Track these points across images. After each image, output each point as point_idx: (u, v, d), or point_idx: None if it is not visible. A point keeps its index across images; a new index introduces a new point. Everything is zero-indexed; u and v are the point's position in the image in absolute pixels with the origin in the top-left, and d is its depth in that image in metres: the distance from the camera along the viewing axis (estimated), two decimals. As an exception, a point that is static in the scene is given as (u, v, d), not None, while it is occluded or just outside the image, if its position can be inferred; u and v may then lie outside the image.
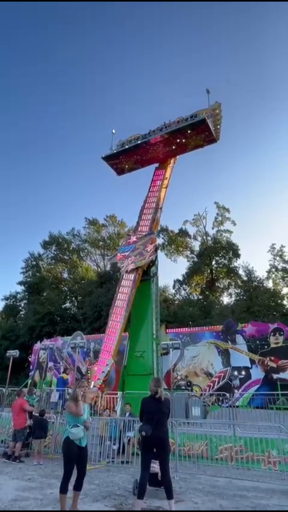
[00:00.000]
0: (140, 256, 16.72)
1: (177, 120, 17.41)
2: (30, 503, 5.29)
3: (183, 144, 17.86)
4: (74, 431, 4.82)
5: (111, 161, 19.28)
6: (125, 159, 19.12)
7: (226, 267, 33.41)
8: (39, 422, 9.41)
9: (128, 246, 17.65)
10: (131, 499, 5.57)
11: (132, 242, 17.66)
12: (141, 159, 19.01)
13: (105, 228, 40.49)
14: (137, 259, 16.64)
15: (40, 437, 9.28)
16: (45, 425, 9.57)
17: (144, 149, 18.26)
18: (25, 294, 37.92)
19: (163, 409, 5.18)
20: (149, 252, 16.58)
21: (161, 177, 18.66)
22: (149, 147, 18.12)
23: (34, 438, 9.37)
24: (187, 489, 6.52)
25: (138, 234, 17.85)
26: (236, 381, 16.65)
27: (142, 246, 16.99)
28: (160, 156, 18.71)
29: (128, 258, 16.92)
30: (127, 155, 18.81)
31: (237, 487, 6.82)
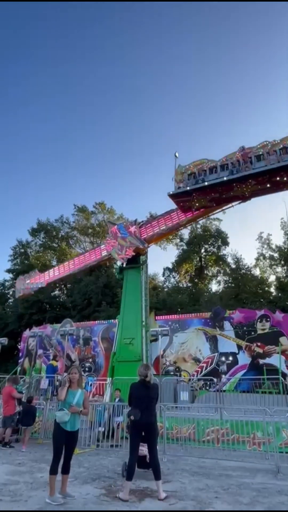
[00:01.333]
0: (119, 250, 17.15)
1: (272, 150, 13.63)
2: (20, 487, 5.36)
3: (284, 182, 14.19)
4: (58, 414, 4.96)
5: (180, 198, 15.44)
6: (198, 196, 15.16)
7: (215, 255, 33.71)
8: (27, 409, 9.36)
9: (125, 230, 17.73)
10: (120, 480, 5.70)
11: (129, 230, 17.72)
12: (219, 197, 15.23)
13: (94, 215, 40.14)
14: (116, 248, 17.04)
15: (28, 424, 9.19)
16: (33, 412, 9.52)
17: (229, 187, 14.56)
18: (13, 281, 37.53)
19: (151, 394, 5.27)
20: (125, 255, 16.89)
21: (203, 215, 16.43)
22: (236, 184, 14.38)
23: (22, 425, 9.33)
24: (175, 470, 6.70)
25: (138, 231, 17.84)
26: (224, 367, 17.00)
27: (129, 244, 17.13)
28: (247, 195, 14.98)
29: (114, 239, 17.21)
30: (203, 192, 14.96)
31: (223, 467, 7.05)
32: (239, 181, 14.15)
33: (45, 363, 19.69)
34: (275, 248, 29.45)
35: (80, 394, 5.17)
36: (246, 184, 14.25)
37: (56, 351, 21.25)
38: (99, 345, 20.82)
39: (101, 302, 27.65)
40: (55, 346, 21.77)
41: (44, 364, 19.88)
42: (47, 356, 21.31)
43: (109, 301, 27.88)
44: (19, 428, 9.84)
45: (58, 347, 21.49)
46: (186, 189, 14.99)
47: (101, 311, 26.76)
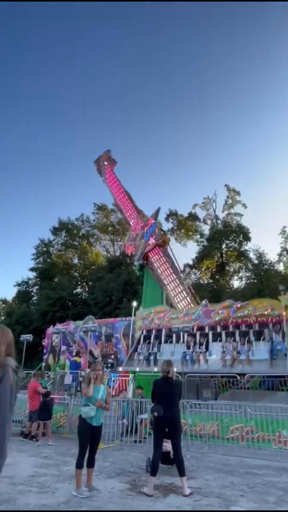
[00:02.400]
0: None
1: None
2: (47, 479, 5.51)
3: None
4: (84, 409, 5.04)
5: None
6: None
7: (236, 250, 33.12)
8: (43, 404, 9.35)
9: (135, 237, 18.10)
10: (145, 476, 5.74)
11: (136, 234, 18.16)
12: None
13: (114, 213, 40.40)
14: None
15: (44, 418, 9.17)
16: (50, 407, 9.51)
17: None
18: (36, 280, 38.48)
19: (174, 390, 5.26)
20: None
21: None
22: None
23: (39, 419, 9.24)
24: (199, 467, 6.67)
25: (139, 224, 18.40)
26: (247, 364, 16.70)
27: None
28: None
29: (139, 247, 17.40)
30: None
31: (248, 465, 6.96)
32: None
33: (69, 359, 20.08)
34: (299, 242, 28.67)
35: (103, 389, 5.25)
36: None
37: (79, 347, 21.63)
38: (121, 341, 20.99)
39: (122, 299, 27.84)
40: (78, 342, 22.14)
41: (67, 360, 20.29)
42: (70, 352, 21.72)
43: (130, 298, 28.02)
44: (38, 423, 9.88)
45: (81, 343, 21.84)
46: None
47: (122, 308, 26.94)
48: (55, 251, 40.45)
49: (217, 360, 13.22)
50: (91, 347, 20.58)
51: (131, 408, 9.79)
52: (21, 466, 6.32)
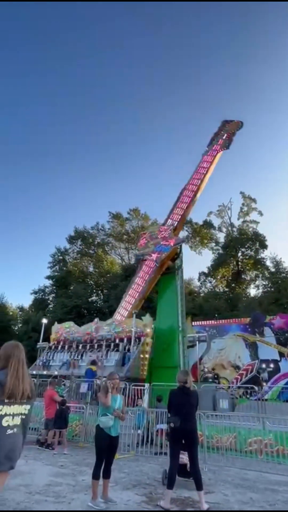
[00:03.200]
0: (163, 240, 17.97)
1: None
2: (63, 489, 5.49)
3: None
4: (103, 419, 4.99)
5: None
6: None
7: (252, 258, 32.68)
8: (60, 412, 9.33)
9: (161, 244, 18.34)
10: (161, 488, 5.64)
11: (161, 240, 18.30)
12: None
13: (128, 221, 40.68)
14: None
15: (60, 427, 9.15)
16: (66, 416, 9.49)
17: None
18: (53, 288, 38.94)
19: (191, 401, 5.18)
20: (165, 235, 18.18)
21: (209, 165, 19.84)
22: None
23: (55, 428, 9.20)
24: (217, 481, 6.51)
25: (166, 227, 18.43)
26: (265, 374, 16.36)
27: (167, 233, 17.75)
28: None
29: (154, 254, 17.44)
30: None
31: (268, 480, 6.74)
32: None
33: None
34: None
35: (120, 399, 5.22)
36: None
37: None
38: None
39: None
40: (94, 351, 22.15)
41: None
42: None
43: (145, 306, 27.93)
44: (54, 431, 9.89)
45: (96, 352, 21.86)
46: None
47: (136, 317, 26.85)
48: (71, 259, 40.95)
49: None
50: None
51: (146, 418, 9.68)
52: (38, 475, 6.32)
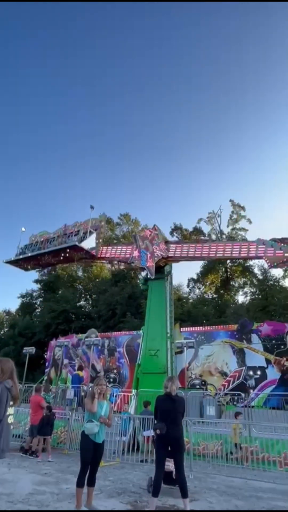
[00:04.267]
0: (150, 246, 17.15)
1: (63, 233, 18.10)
2: (47, 497, 5.38)
3: (70, 256, 18.23)
4: (88, 426, 4.92)
5: (14, 264, 19.58)
6: (24, 263, 19.58)
7: (241, 265, 32.98)
8: (47, 419, 9.17)
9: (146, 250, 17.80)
10: (146, 496, 5.59)
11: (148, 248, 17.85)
12: (39, 263, 19.76)
13: (119, 226, 40.66)
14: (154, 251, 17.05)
15: (45, 434, 8.98)
16: (52, 422, 9.33)
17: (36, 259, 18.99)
18: (40, 292, 38.51)
19: (177, 407, 5.17)
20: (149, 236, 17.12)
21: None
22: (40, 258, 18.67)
23: (40, 435, 9.03)
24: (202, 488, 6.49)
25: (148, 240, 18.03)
26: (252, 381, 16.45)
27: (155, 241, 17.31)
28: (54, 262, 19.56)
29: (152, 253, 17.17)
30: (26, 260, 19.16)
31: (253, 488, 6.75)
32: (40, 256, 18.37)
33: (71, 373, 19.88)
34: (304, 258, 28.46)
35: (106, 405, 5.18)
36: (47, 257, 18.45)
37: (82, 361, 21.43)
38: (124, 356, 20.79)
39: (126, 313, 27.70)
40: (81, 356, 21.97)
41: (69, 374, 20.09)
42: (72, 366, 21.52)
43: (133, 312, 27.87)
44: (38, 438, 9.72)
45: (84, 357, 21.67)
46: (11, 259, 18.97)
47: (125, 322, 26.78)
48: (60, 263, 40.62)
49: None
50: (94, 361, 20.41)
51: (133, 425, 9.60)
52: (20, 483, 6.19)
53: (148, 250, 17.32)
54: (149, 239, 17.05)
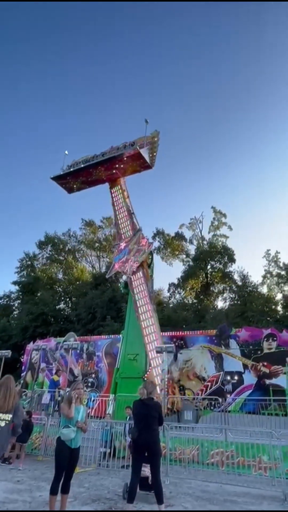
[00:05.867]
0: (138, 253, 16.98)
1: (117, 147, 18.56)
2: (19, 506, 5.23)
3: (122, 168, 18.98)
4: (64, 431, 4.82)
5: (60, 181, 20.36)
6: (72, 180, 20.29)
7: (221, 271, 33.48)
8: (25, 425, 8.74)
9: (122, 252, 17.78)
10: (121, 503, 5.53)
11: (124, 247, 17.81)
12: (87, 180, 20.23)
13: (101, 229, 40.46)
14: (137, 256, 16.90)
15: (23, 440, 8.72)
16: (31, 428, 9.11)
17: (88, 172, 19.51)
18: (19, 294, 37.68)
19: (151, 412, 5.13)
20: (145, 245, 17.21)
21: (118, 193, 19.66)
22: (92, 170, 19.38)
23: (18, 441, 8.69)
24: (178, 493, 6.48)
25: (125, 239, 18.09)
26: (229, 386, 16.63)
27: (136, 244, 17.24)
28: (104, 178, 19.83)
29: (128, 261, 17.02)
30: (74, 176, 19.94)
31: (228, 492, 6.80)
32: (93, 167, 19.16)
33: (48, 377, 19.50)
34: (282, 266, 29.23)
35: (83, 410, 5.10)
36: (98, 170, 19.21)
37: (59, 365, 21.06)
38: (103, 360, 20.59)
39: (106, 317, 27.51)
40: (58, 360, 21.59)
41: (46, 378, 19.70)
42: (50, 370, 21.11)
43: (113, 315, 27.71)
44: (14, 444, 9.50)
45: (61, 361, 21.30)
46: (61, 174, 19.95)
47: (105, 326, 26.58)
48: (40, 265, 39.92)
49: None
50: (72, 365, 20.09)
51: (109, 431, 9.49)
52: (-9, 491, 5.99)
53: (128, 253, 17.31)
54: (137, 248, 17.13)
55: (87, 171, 19.42)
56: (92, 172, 19.48)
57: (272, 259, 30.19)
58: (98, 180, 20.13)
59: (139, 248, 17.06)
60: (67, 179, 20.20)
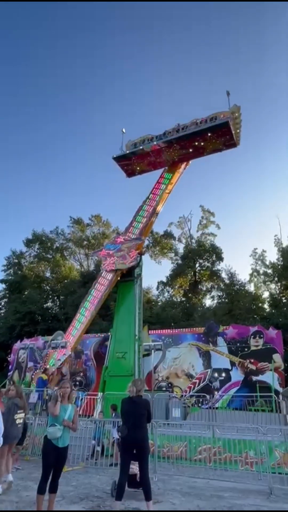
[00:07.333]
0: (122, 259, 16.77)
1: (195, 122, 16.24)
2: (5, 506, 5.18)
3: (201, 147, 16.81)
4: (50, 430, 4.81)
5: (122, 162, 18.15)
6: (137, 161, 18.04)
7: (209, 270, 33.76)
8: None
9: (115, 245, 17.60)
10: (109, 500, 5.53)
11: (119, 242, 17.61)
12: (155, 161, 17.84)
13: (89, 227, 40.22)
14: (119, 261, 16.75)
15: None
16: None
17: (159, 151, 17.18)
18: (5, 292, 37.15)
19: (139, 409, 5.14)
20: (131, 258, 16.67)
21: (167, 181, 17.81)
22: (164, 149, 17.03)
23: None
24: (165, 490, 6.52)
25: (126, 236, 17.79)
26: (216, 383, 16.83)
27: (127, 249, 16.98)
28: (175, 159, 17.64)
29: (111, 257, 16.95)
30: (140, 156, 17.70)
31: (215, 487, 6.88)
32: (166, 146, 16.86)
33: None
34: (269, 264, 29.64)
35: (71, 409, 5.06)
36: (172, 149, 16.96)
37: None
38: (91, 359, 20.53)
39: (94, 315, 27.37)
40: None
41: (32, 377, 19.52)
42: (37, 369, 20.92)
43: (102, 314, 27.59)
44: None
45: (49, 360, 21.12)
46: (126, 153, 17.87)
47: (94, 324, 26.44)
48: (27, 263, 39.43)
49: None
50: (60, 363, 19.92)
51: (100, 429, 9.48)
52: (-23, 492, 5.90)
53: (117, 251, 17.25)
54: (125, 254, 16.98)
55: (158, 150, 17.04)
56: (164, 151, 17.06)
57: (259, 258, 30.57)
58: (167, 161, 17.75)
59: (127, 255, 16.89)
60: (131, 160, 17.90)
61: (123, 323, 16.50)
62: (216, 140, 16.31)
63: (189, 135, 16.32)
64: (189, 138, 16.42)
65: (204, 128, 15.93)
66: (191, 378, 17.52)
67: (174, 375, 18.03)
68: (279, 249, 29.10)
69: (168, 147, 16.89)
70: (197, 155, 17.52)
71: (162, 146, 16.97)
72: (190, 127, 16.28)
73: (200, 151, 17.18)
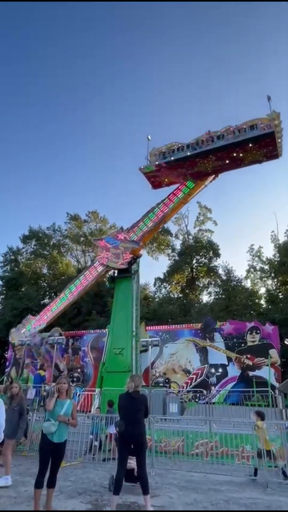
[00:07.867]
0: (116, 258, 16.73)
1: (230, 130, 14.81)
2: (4, 501, 5.20)
3: (239, 158, 15.34)
4: (45, 424, 4.85)
5: (150, 173, 16.63)
6: (166, 172, 16.42)
7: (206, 266, 33.80)
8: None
9: (115, 240, 17.54)
10: (107, 495, 5.57)
11: (119, 238, 17.54)
12: (185, 172, 16.32)
13: (86, 224, 40.06)
14: (112, 258, 16.76)
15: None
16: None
17: (192, 162, 15.72)
18: (2, 289, 37.02)
19: (137, 405, 5.17)
20: (124, 260, 16.52)
21: (187, 190, 16.74)
22: (198, 160, 15.56)
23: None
24: (163, 484, 6.58)
25: (128, 235, 17.68)
26: (213, 378, 16.94)
27: (123, 249, 16.88)
28: (209, 170, 16.11)
29: (107, 252, 16.97)
30: (170, 167, 16.12)
31: (211, 481, 6.96)
32: (201, 156, 15.40)
33: (33, 372, 19.33)
34: (265, 260, 29.74)
35: (68, 404, 5.07)
36: (207, 160, 15.48)
37: (44, 360, 20.92)
38: (88, 355, 20.58)
39: (91, 311, 27.39)
40: (43, 355, 21.42)
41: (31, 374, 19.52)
42: (35, 365, 20.95)
43: (99, 310, 27.63)
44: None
45: (47, 356, 21.15)
46: (155, 163, 16.22)
47: (91, 320, 26.48)
48: (24, 259, 39.28)
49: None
50: (57, 360, 19.98)
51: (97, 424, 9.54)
52: (-25, 488, 5.92)
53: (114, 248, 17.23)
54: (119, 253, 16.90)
55: (193, 161, 15.50)
56: (198, 162, 15.50)
57: (255, 254, 30.62)
58: (201, 172, 16.21)
59: (121, 255, 16.81)
60: (160, 170, 16.32)
61: (120, 319, 16.50)
62: (257, 151, 14.80)
63: (228, 146, 14.75)
64: (228, 148, 14.87)
65: (247, 138, 14.37)
66: (188, 374, 17.61)
67: (171, 370, 18.11)
68: (276, 245, 29.19)
69: (203, 158, 15.42)
70: (233, 167, 16.01)
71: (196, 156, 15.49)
72: (227, 136, 14.76)
73: (237, 163, 15.57)
